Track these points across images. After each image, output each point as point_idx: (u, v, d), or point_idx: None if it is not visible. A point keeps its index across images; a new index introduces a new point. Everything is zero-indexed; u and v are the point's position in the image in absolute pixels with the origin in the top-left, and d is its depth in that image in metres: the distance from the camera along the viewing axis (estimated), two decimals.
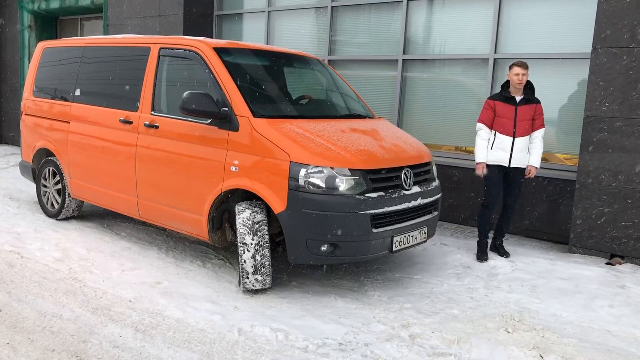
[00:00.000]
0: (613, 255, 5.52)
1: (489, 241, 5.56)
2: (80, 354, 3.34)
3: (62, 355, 3.32)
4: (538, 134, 5.26)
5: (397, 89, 7.39)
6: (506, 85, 5.27)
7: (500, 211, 5.55)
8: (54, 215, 6.35)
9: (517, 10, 6.48)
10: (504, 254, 5.49)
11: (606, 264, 5.38)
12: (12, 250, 5.15)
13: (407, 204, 4.42)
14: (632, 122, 5.33)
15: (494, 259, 5.35)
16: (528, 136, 5.22)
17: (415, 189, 4.56)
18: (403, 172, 4.48)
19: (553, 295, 4.55)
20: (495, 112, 5.23)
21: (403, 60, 7.33)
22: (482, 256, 5.38)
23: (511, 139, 5.18)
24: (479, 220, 5.54)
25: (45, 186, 6.49)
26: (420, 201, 4.56)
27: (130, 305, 4.08)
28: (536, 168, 5.31)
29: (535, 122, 5.24)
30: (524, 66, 5.13)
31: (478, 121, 5.33)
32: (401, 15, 7.32)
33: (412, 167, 4.60)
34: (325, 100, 5.80)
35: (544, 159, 6.38)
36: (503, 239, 5.61)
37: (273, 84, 5.33)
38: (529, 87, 5.23)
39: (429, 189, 4.74)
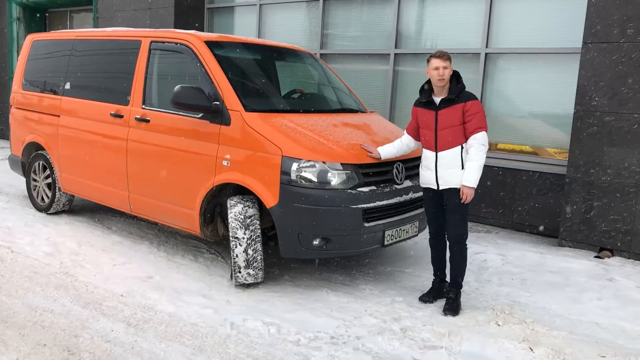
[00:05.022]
0: (602, 249, 5.57)
1: (437, 278, 4.36)
2: (72, 349, 3.33)
3: (53, 350, 3.31)
4: (472, 141, 3.88)
5: (389, 83, 7.40)
6: (427, 86, 4.13)
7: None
8: (44, 209, 6.31)
9: (509, 5, 6.50)
10: (446, 310, 4.06)
11: (595, 257, 5.43)
12: (2, 244, 5.11)
13: (398, 198, 4.44)
14: (621, 116, 5.37)
15: (485, 252, 5.39)
16: (458, 147, 3.94)
17: (407, 183, 4.58)
18: (394, 167, 4.49)
19: (543, 289, 4.60)
20: (417, 121, 4.20)
21: (395, 54, 7.33)
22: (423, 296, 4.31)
23: (434, 154, 4.02)
24: None
25: (35, 180, 6.44)
26: (411, 195, 4.58)
27: (122, 299, 4.07)
28: (471, 188, 3.89)
29: (467, 126, 3.89)
30: (444, 57, 3.91)
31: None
32: (393, 9, 7.31)
33: (403, 161, 4.61)
34: (317, 94, 5.80)
35: (533, 153, 6.44)
36: (448, 284, 4.24)
37: (265, 78, 5.32)
38: (455, 83, 3.99)
39: None
